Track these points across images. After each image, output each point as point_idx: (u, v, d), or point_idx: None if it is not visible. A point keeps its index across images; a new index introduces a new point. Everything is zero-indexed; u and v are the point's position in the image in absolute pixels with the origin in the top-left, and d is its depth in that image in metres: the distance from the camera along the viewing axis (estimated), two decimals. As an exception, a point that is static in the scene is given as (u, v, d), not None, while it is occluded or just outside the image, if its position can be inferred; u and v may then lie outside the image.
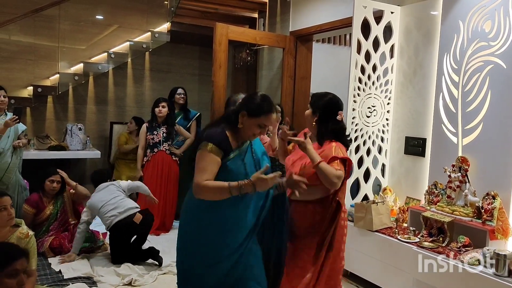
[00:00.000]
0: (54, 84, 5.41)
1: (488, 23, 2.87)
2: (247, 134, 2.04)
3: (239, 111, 2.04)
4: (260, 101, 2.05)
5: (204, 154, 1.95)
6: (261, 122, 2.02)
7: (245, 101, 2.08)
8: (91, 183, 6.03)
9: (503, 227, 2.66)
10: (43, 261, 3.56)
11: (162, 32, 5.75)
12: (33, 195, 3.85)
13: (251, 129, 2.03)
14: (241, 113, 2.02)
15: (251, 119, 2.01)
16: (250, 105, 2.04)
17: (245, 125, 2.02)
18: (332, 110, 2.28)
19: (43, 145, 5.09)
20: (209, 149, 1.95)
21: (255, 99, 2.06)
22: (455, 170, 2.98)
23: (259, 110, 2.02)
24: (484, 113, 2.88)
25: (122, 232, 3.61)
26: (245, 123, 2.02)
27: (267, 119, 2.03)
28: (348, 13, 4.01)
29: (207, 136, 2.00)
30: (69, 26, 5.59)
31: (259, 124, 2.02)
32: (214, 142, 1.97)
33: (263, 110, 2.02)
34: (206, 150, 1.95)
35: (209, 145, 1.95)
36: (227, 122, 2.06)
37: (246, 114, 2.02)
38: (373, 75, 3.53)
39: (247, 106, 2.04)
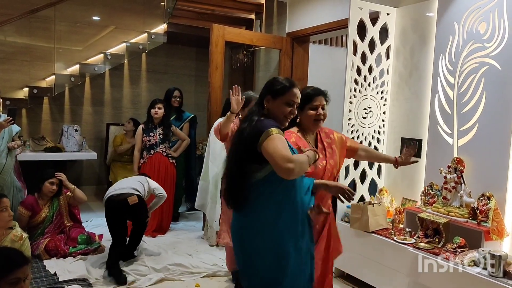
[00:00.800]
0: (50, 85, 5.40)
1: (483, 25, 2.88)
2: (279, 118, 1.99)
3: (262, 100, 2.01)
4: (280, 80, 2.03)
5: (274, 138, 1.82)
6: (288, 99, 1.98)
7: (265, 88, 2.04)
8: (87, 185, 6.06)
9: (498, 228, 2.67)
10: (38, 263, 3.54)
11: (159, 33, 5.75)
12: (29, 197, 3.83)
13: (280, 110, 1.98)
14: (266, 98, 1.99)
15: (277, 100, 1.98)
16: (271, 87, 2.00)
17: (274, 109, 1.98)
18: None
19: (39, 147, 5.08)
20: (276, 132, 1.83)
21: (274, 81, 2.04)
22: (451, 171, 2.99)
23: (282, 88, 1.98)
24: (479, 114, 2.89)
25: (113, 210, 3.56)
26: (272, 106, 1.98)
27: (293, 94, 1.99)
28: (344, 14, 4.02)
29: (262, 126, 1.88)
30: (65, 27, 5.58)
31: (286, 102, 1.98)
32: (274, 126, 1.87)
33: (286, 86, 1.99)
34: (275, 134, 1.82)
35: (274, 129, 1.84)
36: (259, 115, 1.99)
37: (270, 97, 1.98)
38: (369, 76, 3.54)
39: (269, 89, 2.01)
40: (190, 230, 4.77)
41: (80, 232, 3.92)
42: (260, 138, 1.82)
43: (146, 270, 3.52)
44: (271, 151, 1.77)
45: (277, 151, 1.77)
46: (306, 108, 2.24)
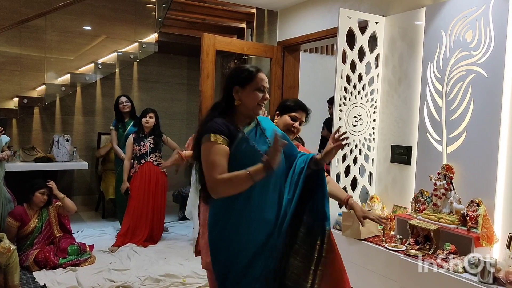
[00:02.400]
0: (41, 95, 5.38)
1: (469, 33, 2.92)
2: (251, 106, 1.89)
3: (228, 92, 1.90)
4: (244, 67, 1.93)
5: (208, 146, 1.76)
6: (257, 85, 1.89)
7: (230, 78, 1.93)
8: (78, 195, 6.02)
9: (488, 234, 2.68)
10: (27, 275, 3.50)
11: (150, 42, 5.76)
12: (17, 207, 3.80)
13: (252, 98, 1.88)
14: (234, 89, 1.88)
15: (246, 88, 1.88)
16: (237, 77, 1.90)
17: (244, 98, 1.88)
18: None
19: (29, 157, 5.04)
20: (212, 139, 1.76)
21: (238, 69, 1.95)
22: (440, 178, 3.01)
23: (249, 75, 1.89)
24: (467, 121, 2.92)
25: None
26: (243, 95, 1.88)
27: (261, 79, 1.90)
28: (334, 23, 4.05)
29: (205, 129, 1.81)
30: (56, 37, 5.57)
31: (256, 88, 1.89)
32: (215, 130, 1.79)
33: (252, 72, 1.90)
34: (210, 142, 1.76)
35: (211, 136, 1.76)
36: (219, 110, 1.90)
37: (239, 88, 1.88)
38: (358, 85, 3.56)
39: (234, 79, 1.90)
40: (182, 239, 4.74)
41: (70, 243, 3.88)
42: (199, 141, 1.83)
43: (136, 280, 3.49)
44: (202, 163, 1.81)
45: (206, 164, 1.77)
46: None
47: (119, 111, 4.95)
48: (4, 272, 2.98)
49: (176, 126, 6.61)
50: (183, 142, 5.85)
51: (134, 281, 3.48)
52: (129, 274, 3.61)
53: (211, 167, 1.74)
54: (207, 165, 1.76)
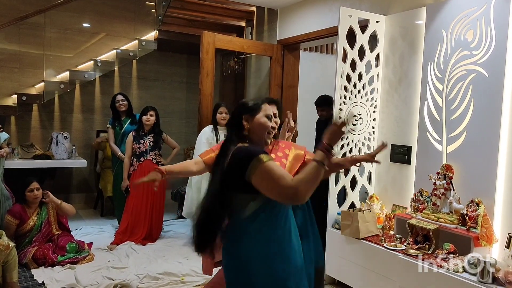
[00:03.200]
0: (40, 92, 5.35)
1: (470, 33, 2.92)
2: (263, 134, 1.91)
3: (239, 122, 1.89)
4: (250, 100, 1.98)
5: (265, 167, 1.65)
6: (266, 112, 1.92)
7: (239, 110, 1.95)
8: (77, 193, 6.01)
9: (487, 234, 2.69)
10: (26, 272, 3.49)
11: (149, 40, 5.74)
12: (16, 206, 3.78)
13: (263, 125, 1.90)
14: (244, 117, 1.89)
15: (256, 116, 1.90)
16: (245, 107, 1.93)
17: (255, 126, 1.89)
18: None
19: (28, 154, 5.02)
20: (265, 159, 1.68)
21: (245, 102, 1.98)
22: (440, 177, 3.01)
23: (256, 104, 1.93)
24: (467, 121, 2.92)
25: None
26: (253, 124, 1.89)
27: (268, 108, 1.95)
28: (334, 22, 4.05)
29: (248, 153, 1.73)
30: (55, 34, 5.55)
31: (266, 115, 1.91)
32: (258, 152, 1.71)
33: (258, 102, 1.94)
34: (263, 161, 1.67)
35: (262, 156, 1.68)
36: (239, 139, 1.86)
37: (249, 116, 1.89)
38: (358, 84, 3.56)
39: (244, 109, 1.92)
40: (181, 238, 4.73)
41: (69, 241, 3.87)
42: (250, 166, 1.67)
43: (135, 279, 3.48)
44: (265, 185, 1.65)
45: (274, 179, 1.63)
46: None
47: (116, 109, 4.93)
48: (2, 269, 2.98)
49: (175, 124, 6.60)
50: (182, 140, 5.86)
51: (132, 279, 3.47)
52: (127, 272, 3.60)
53: (281, 179, 1.63)
54: (275, 181, 1.63)
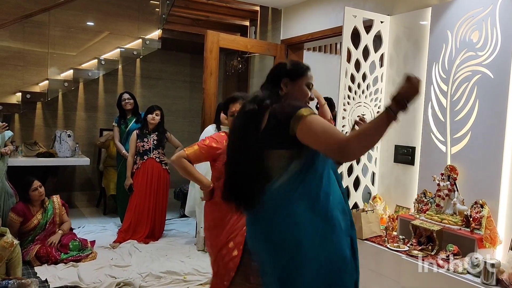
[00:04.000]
0: (44, 90, 5.37)
1: (475, 33, 2.91)
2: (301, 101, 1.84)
3: (276, 84, 1.80)
4: (295, 61, 1.91)
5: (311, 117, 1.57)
6: (308, 80, 1.85)
7: (278, 70, 1.86)
8: (80, 191, 6.02)
9: (491, 235, 2.67)
10: (29, 269, 3.50)
11: (153, 39, 5.74)
12: (20, 203, 3.79)
13: (302, 93, 1.83)
14: (283, 81, 1.79)
15: (297, 82, 1.82)
16: (287, 69, 1.83)
17: (295, 92, 1.81)
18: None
19: (32, 152, 5.03)
20: (307, 112, 1.59)
21: (289, 62, 1.88)
22: (444, 178, 3.00)
23: (302, 68, 1.85)
24: (472, 122, 2.91)
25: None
26: (292, 90, 1.80)
27: (310, 76, 1.87)
28: (338, 22, 4.04)
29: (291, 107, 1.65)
30: (59, 32, 5.56)
31: (307, 84, 1.85)
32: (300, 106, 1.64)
33: (305, 67, 1.86)
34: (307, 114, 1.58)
35: (304, 109, 1.60)
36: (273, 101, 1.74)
37: (288, 80, 1.80)
38: (362, 84, 3.55)
39: (285, 71, 1.82)
40: (183, 237, 4.74)
41: (72, 239, 3.88)
42: (293, 118, 1.58)
43: (137, 277, 3.48)
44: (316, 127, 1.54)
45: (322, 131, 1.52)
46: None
47: (122, 108, 4.95)
48: (6, 266, 2.99)
49: (178, 123, 6.60)
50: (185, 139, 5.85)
51: (135, 277, 3.47)
52: (130, 271, 3.61)
53: (330, 133, 1.52)
54: (324, 131, 1.52)
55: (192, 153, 2.42)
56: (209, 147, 2.45)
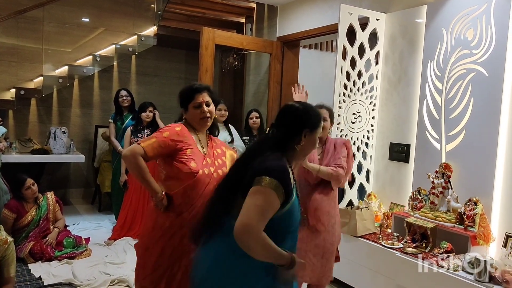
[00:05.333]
0: (38, 86, 5.33)
1: (470, 32, 2.91)
2: (303, 156, 1.75)
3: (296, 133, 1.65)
4: (315, 109, 1.75)
5: (266, 192, 1.49)
6: (319, 133, 1.74)
7: (301, 118, 1.68)
8: (75, 188, 5.99)
9: (485, 233, 2.69)
10: (23, 266, 3.48)
11: (149, 35, 5.72)
12: (13, 200, 3.77)
13: (310, 147, 1.71)
14: (305, 131, 1.65)
15: (314, 134, 1.70)
16: (310, 119, 1.69)
17: (307, 144, 1.69)
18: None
19: (26, 149, 5.00)
20: (273, 186, 1.50)
21: (311, 111, 1.73)
22: (438, 176, 3.01)
23: (319, 119, 1.72)
24: (466, 120, 2.92)
25: None
26: (308, 142, 1.68)
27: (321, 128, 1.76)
28: (334, 19, 4.04)
29: (268, 167, 1.54)
30: (53, 28, 5.52)
31: (319, 136, 1.75)
32: (279, 178, 1.52)
33: (320, 117, 1.75)
34: (269, 188, 1.50)
35: (273, 182, 1.50)
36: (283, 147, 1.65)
37: (309, 131, 1.67)
38: (358, 82, 3.55)
39: (307, 121, 1.68)
40: (178, 234, 4.73)
41: (66, 236, 3.86)
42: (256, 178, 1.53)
43: (132, 274, 3.47)
44: (250, 199, 1.50)
45: (255, 206, 1.48)
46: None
47: (119, 104, 4.93)
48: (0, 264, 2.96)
49: (173, 120, 6.54)
50: (180, 136, 5.84)
51: (129, 274, 3.45)
52: (124, 268, 3.59)
53: (258, 214, 1.47)
54: (254, 206, 1.49)
55: (149, 146, 2.04)
56: (169, 140, 2.06)
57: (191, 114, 2.17)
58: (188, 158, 2.06)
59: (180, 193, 2.06)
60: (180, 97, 2.20)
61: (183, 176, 2.05)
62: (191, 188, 2.05)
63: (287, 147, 1.66)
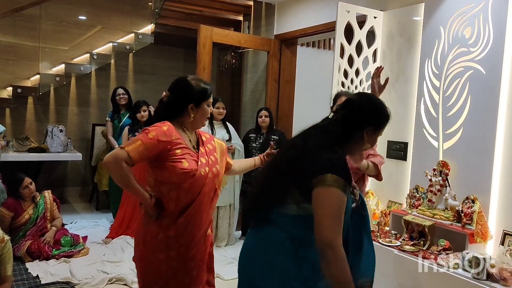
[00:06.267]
0: (35, 84, 5.32)
1: (468, 29, 2.91)
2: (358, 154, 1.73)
3: (360, 126, 1.57)
4: (387, 108, 1.63)
5: (334, 193, 1.40)
6: (381, 134, 1.65)
7: (369, 113, 1.59)
8: (72, 186, 5.98)
9: (482, 230, 2.70)
10: (20, 265, 3.48)
11: (146, 33, 5.70)
12: (10, 198, 3.76)
13: (368, 146, 1.63)
14: (368, 129, 1.57)
15: (376, 133, 1.61)
16: (379, 117, 1.61)
17: (370, 142, 1.62)
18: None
19: (23, 147, 4.99)
20: (341, 186, 1.41)
21: (383, 108, 1.62)
22: (436, 174, 3.01)
23: (387, 120, 1.62)
24: (464, 117, 2.92)
25: None
26: (369, 140, 1.60)
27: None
28: (332, 17, 4.03)
29: (329, 164, 1.45)
30: (50, 26, 5.50)
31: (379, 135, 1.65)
32: (343, 175, 1.44)
33: (389, 118, 1.63)
34: (335, 187, 1.40)
35: (339, 180, 1.41)
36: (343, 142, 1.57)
37: (372, 129, 1.59)
38: (356, 80, 3.55)
39: (376, 119, 1.59)
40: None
41: (63, 234, 3.86)
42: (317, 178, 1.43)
43: (129, 273, 3.47)
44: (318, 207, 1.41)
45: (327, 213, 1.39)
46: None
47: (116, 102, 4.92)
48: (-3, 262, 2.95)
49: (171, 118, 6.56)
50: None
51: (127, 273, 3.46)
52: (122, 266, 3.59)
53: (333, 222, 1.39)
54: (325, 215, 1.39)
55: (135, 151, 1.81)
56: (155, 141, 1.85)
57: (202, 112, 2.00)
58: (179, 158, 1.88)
59: (173, 197, 1.88)
60: (196, 93, 1.98)
61: (175, 179, 1.87)
62: (186, 191, 1.88)
63: (346, 142, 1.57)
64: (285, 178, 1.54)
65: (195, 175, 1.89)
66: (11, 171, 4.06)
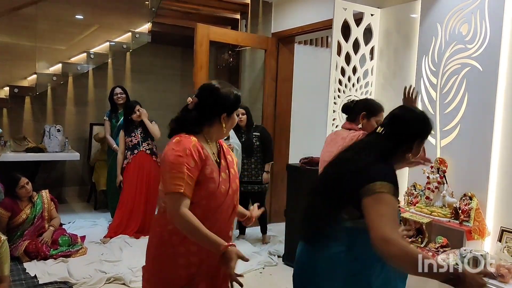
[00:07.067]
0: (32, 84, 5.31)
1: (465, 26, 2.91)
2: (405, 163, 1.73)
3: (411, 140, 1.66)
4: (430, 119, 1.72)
5: (384, 198, 1.45)
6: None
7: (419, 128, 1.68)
8: (70, 186, 5.97)
9: (480, 227, 2.70)
10: (18, 265, 3.47)
11: (143, 32, 5.69)
12: (7, 198, 3.75)
13: (416, 154, 1.70)
14: (417, 142, 1.67)
15: (422, 143, 1.70)
16: (426, 130, 1.70)
17: (415, 155, 1.69)
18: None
19: (20, 147, 4.98)
20: (392, 191, 1.48)
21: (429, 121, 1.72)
22: (434, 171, 3.01)
23: (431, 129, 1.72)
24: (461, 114, 2.92)
25: None
26: (416, 151, 1.68)
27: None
28: (329, 15, 4.02)
29: (379, 173, 1.51)
30: (47, 25, 5.49)
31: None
32: (394, 181, 1.51)
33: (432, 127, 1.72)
34: (385, 192, 1.46)
35: (388, 186, 1.47)
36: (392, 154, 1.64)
37: (420, 140, 1.68)
38: (353, 77, 3.55)
39: (425, 132, 1.70)
40: (175, 231, 4.72)
41: (61, 234, 3.85)
42: (366, 186, 1.48)
43: (128, 272, 3.47)
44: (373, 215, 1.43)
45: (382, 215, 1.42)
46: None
47: (114, 102, 4.91)
48: (-6, 263, 2.95)
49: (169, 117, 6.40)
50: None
51: (125, 272, 3.46)
52: (120, 266, 3.59)
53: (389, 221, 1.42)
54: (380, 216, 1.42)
55: (188, 188, 1.62)
56: (195, 169, 1.66)
57: (233, 121, 1.82)
58: (208, 177, 1.69)
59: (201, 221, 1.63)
60: (230, 101, 1.78)
61: (197, 198, 1.67)
62: (213, 212, 1.70)
63: (395, 154, 1.64)
64: (339, 193, 1.58)
65: (215, 193, 1.70)
66: (9, 171, 4.06)
